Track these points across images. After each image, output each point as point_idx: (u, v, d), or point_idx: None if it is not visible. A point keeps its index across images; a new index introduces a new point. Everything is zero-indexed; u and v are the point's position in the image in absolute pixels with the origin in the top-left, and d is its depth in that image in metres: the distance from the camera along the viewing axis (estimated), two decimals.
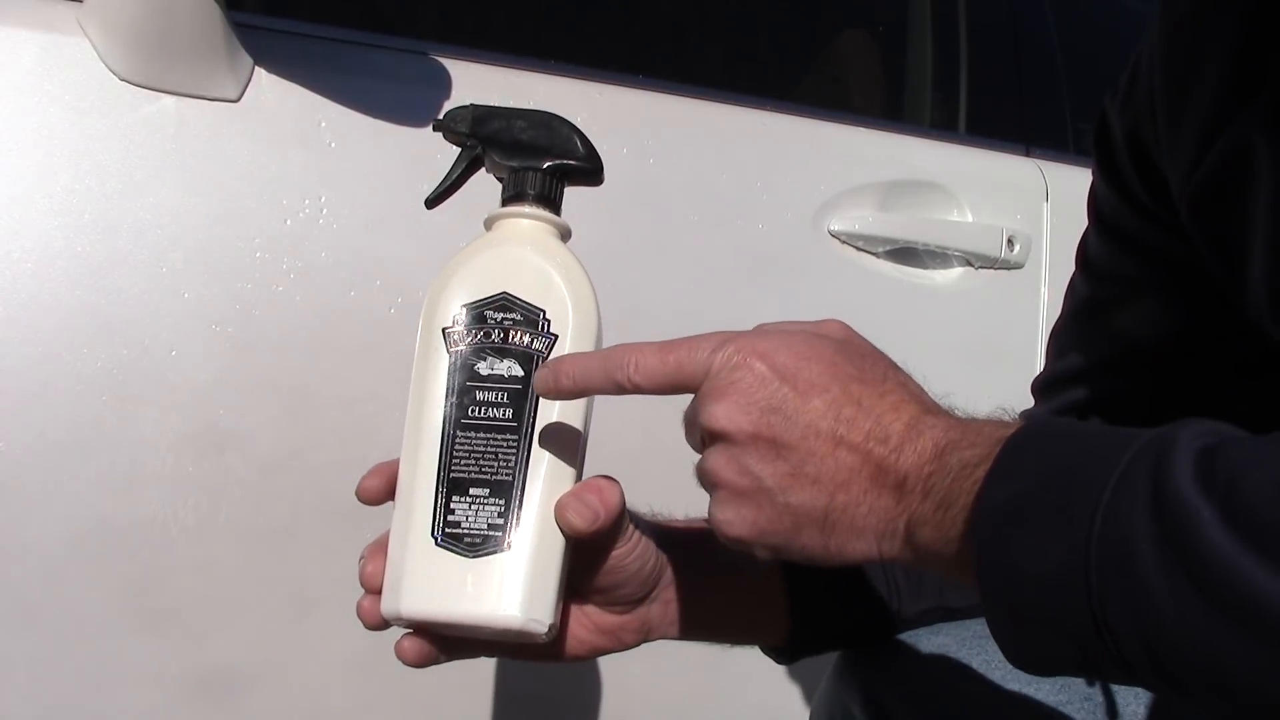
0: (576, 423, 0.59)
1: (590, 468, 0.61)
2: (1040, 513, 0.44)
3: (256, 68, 0.95)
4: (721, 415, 0.52)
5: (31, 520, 0.90)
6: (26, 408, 0.89)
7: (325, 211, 0.98)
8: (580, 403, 0.59)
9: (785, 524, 0.52)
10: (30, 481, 0.89)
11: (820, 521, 0.52)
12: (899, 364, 0.56)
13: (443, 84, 1.00)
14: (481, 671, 1.06)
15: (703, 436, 0.55)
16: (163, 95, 0.92)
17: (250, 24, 0.97)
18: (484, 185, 0.66)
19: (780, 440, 0.51)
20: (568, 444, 0.58)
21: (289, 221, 0.97)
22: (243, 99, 0.95)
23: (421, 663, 0.60)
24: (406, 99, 1.00)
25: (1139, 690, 0.70)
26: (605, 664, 0.98)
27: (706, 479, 0.55)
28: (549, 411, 0.58)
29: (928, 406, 0.53)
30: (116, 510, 0.91)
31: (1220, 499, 0.40)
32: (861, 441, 0.51)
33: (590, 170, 0.63)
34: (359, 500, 0.61)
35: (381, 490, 0.60)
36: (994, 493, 0.46)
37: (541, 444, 0.58)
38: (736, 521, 0.53)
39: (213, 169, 0.94)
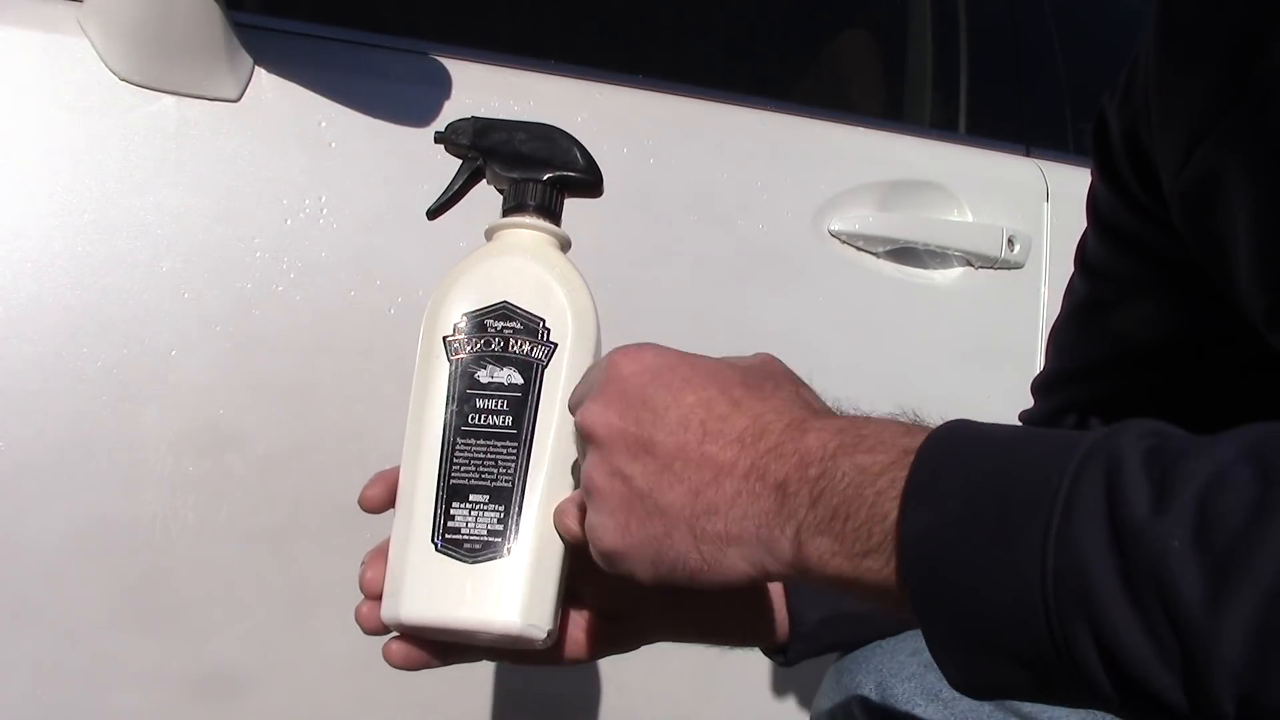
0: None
1: None
2: (978, 539, 0.40)
3: (256, 68, 0.95)
4: (591, 414, 0.50)
5: (31, 520, 0.90)
6: (26, 408, 0.89)
7: (325, 211, 0.98)
8: None
9: (656, 529, 0.48)
10: (30, 481, 0.89)
11: (690, 524, 0.47)
12: (808, 383, 0.52)
13: (443, 84, 1.00)
14: (482, 671, 1.06)
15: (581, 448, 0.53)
16: (163, 95, 0.92)
17: (250, 24, 0.97)
18: (485, 187, 0.66)
19: (648, 436, 0.48)
20: (567, 450, 0.59)
21: (289, 221, 0.97)
22: (243, 99, 0.95)
23: (409, 667, 0.60)
24: (406, 99, 1.00)
25: None
26: (605, 664, 0.98)
27: (584, 490, 0.52)
28: (549, 418, 0.58)
29: (818, 411, 0.49)
30: (116, 510, 0.91)
31: (1190, 523, 0.36)
32: (735, 438, 0.47)
33: (590, 182, 0.64)
34: (362, 509, 0.61)
35: (383, 498, 0.61)
36: (916, 516, 0.41)
37: (541, 450, 0.58)
38: (610, 527, 0.49)
39: (213, 169, 0.94)
